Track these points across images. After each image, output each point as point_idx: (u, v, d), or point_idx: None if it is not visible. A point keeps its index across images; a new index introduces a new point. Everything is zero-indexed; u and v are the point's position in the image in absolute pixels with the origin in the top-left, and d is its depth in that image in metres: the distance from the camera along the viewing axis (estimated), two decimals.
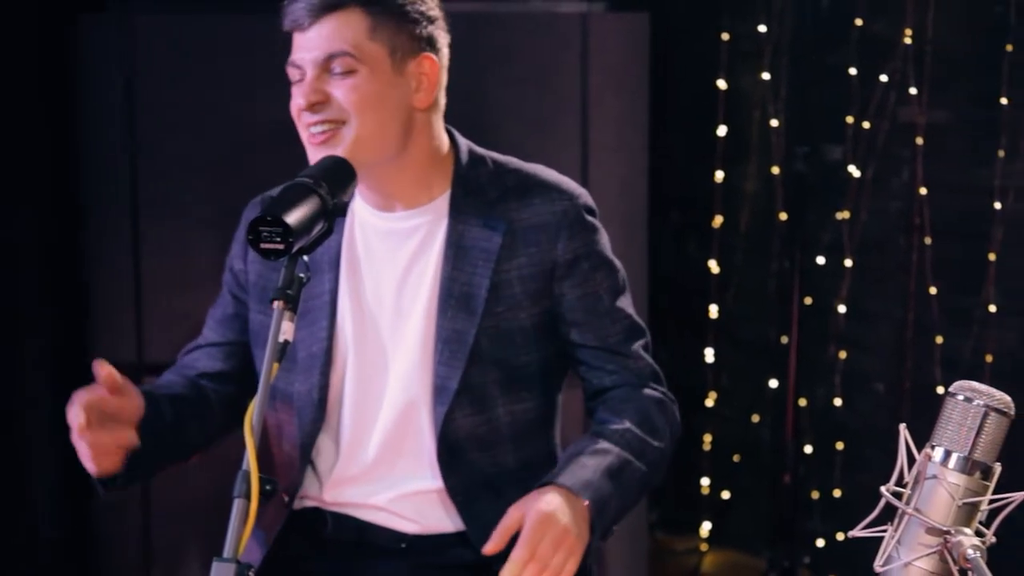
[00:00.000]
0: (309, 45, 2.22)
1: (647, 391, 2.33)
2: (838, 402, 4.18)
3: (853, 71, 4.02)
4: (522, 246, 2.29)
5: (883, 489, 1.65)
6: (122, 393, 2.07)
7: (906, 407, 3.98)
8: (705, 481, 4.36)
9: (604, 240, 2.37)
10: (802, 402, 4.22)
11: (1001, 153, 3.77)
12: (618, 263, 2.38)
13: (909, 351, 4.04)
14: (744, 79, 4.24)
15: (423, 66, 2.28)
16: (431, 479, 2.31)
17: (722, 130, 4.24)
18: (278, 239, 1.88)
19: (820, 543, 4.18)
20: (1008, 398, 1.62)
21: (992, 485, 1.63)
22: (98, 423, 2.03)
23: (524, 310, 2.29)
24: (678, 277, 4.43)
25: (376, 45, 2.23)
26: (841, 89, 4.04)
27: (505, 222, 2.29)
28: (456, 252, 2.28)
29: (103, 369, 2.04)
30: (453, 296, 2.27)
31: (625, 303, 2.36)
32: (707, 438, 4.38)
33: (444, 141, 2.34)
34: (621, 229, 3.76)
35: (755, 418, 4.35)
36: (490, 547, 2.05)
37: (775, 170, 4.23)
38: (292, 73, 2.26)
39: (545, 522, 2.04)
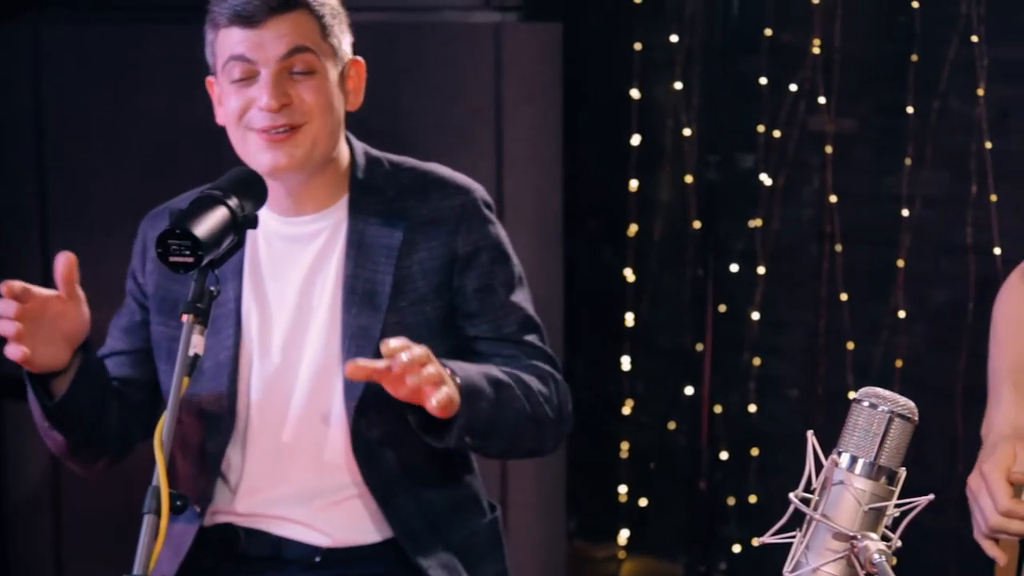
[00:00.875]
0: (265, 41, 2.22)
1: (545, 367, 2.35)
2: (753, 408, 4.22)
3: (763, 80, 4.07)
4: (422, 241, 2.32)
5: (792, 496, 1.67)
6: (74, 299, 2.08)
7: (819, 412, 4.03)
8: (623, 489, 4.38)
9: (502, 233, 2.40)
10: (717, 409, 4.26)
11: (908, 161, 3.83)
12: (515, 258, 2.41)
13: (821, 357, 4.09)
14: (657, 89, 4.27)
15: (355, 69, 2.33)
16: (344, 486, 2.31)
17: (636, 139, 4.27)
18: (187, 252, 1.87)
19: (736, 549, 4.22)
20: (912, 404, 1.65)
21: (897, 490, 1.65)
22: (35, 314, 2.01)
23: (428, 303, 2.31)
24: (594, 286, 4.45)
25: (326, 46, 2.28)
26: (752, 98, 4.09)
27: (404, 219, 2.32)
28: (358, 251, 2.31)
29: (65, 257, 2.06)
30: (356, 293, 2.29)
31: (521, 297, 2.39)
32: (624, 446, 4.41)
33: (345, 144, 2.38)
34: (537, 239, 3.78)
35: (671, 425, 4.38)
36: (349, 367, 2.06)
37: (688, 179, 4.27)
38: (236, 70, 2.24)
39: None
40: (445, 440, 2.15)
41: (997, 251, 3.62)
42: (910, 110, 3.80)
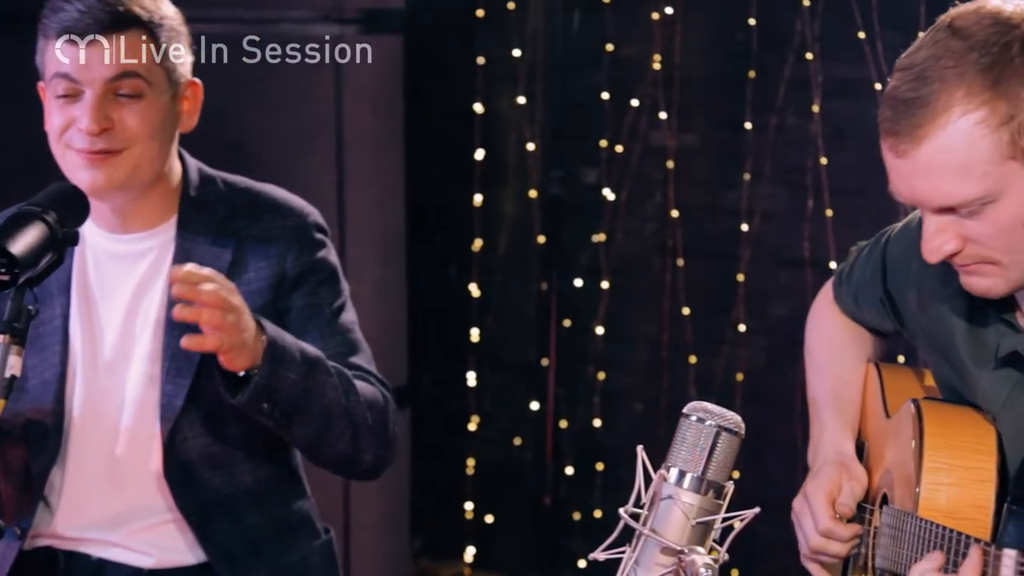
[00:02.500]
0: (92, 61, 2.18)
1: (375, 383, 2.33)
2: (597, 423, 4.26)
3: (606, 95, 4.12)
4: (252, 262, 2.30)
5: (621, 511, 1.68)
6: None
7: (663, 426, 4.08)
8: (469, 506, 4.38)
9: (333, 258, 2.39)
10: (563, 424, 4.29)
11: (747, 176, 3.91)
12: (345, 283, 2.40)
13: (665, 371, 4.15)
14: (500, 102, 4.29)
15: (192, 90, 2.29)
16: (164, 507, 2.28)
17: (479, 154, 4.28)
18: (3, 270, 1.82)
19: (582, 564, 4.25)
20: (738, 418, 1.68)
21: (725, 504, 1.68)
22: None
23: None
24: (439, 301, 4.44)
25: (160, 69, 2.24)
26: (595, 113, 4.13)
27: (234, 240, 2.30)
28: None
29: None
30: None
31: (348, 320, 2.37)
32: (470, 462, 4.41)
33: (178, 162, 2.34)
34: (379, 253, 3.76)
35: (517, 441, 4.40)
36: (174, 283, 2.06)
37: (532, 193, 4.30)
38: (60, 87, 2.21)
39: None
40: (238, 398, 2.13)
41: (833, 265, 3.71)
42: (748, 126, 3.88)
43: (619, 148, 4.14)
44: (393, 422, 2.33)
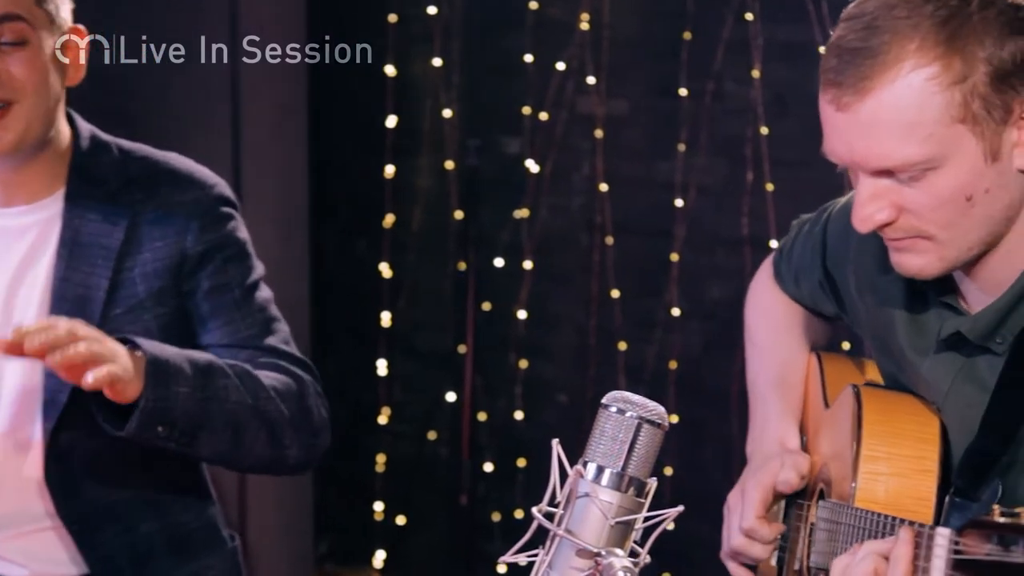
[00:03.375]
0: None
1: (292, 367, 2.28)
2: (519, 415, 4.25)
3: (529, 58, 4.11)
4: (147, 240, 2.24)
5: (535, 510, 1.67)
6: None
7: (590, 418, 4.07)
8: (379, 506, 4.36)
9: (242, 233, 2.33)
10: (481, 416, 4.28)
11: (681, 147, 3.91)
12: (256, 260, 2.35)
13: (592, 359, 4.15)
14: (414, 65, 4.26)
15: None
16: (43, 514, 2.23)
17: (391, 121, 4.25)
18: None
19: (501, 569, 4.24)
20: (662, 409, 1.66)
21: (647, 502, 1.67)
22: None
23: (148, 311, 2.23)
24: (346, 281, 4.41)
25: (41, 13, 2.17)
26: (517, 77, 4.12)
27: (128, 215, 2.23)
28: (71, 251, 2.21)
29: None
30: (67, 300, 2.19)
31: (262, 299, 2.33)
32: (380, 459, 4.39)
33: (66, 124, 2.28)
34: (280, 230, 3.73)
35: (431, 435, 4.38)
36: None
37: (449, 164, 4.28)
38: None
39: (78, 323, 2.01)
40: (127, 428, 2.07)
41: (774, 243, 3.72)
42: (683, 92, 3.88)
43: (543, 116, 4.12)
44: (318, 406, 2.28)
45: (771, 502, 1.99)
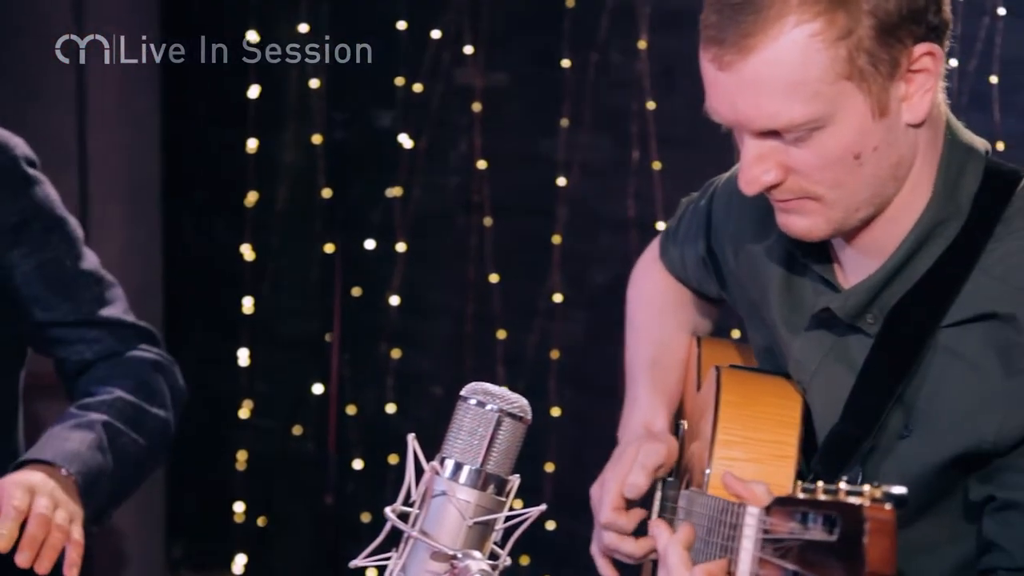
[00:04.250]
0: None
1: (139, 353, 2.32)
2: (391, 409, 4.25)
3: (402, 25, 4.10)
4: None
5: (388, 510, 1.68)
6: None
7: None
8: (239, 507, 4.34)
9: (52, 194, 2.33)
10: (350, 410, 4.27)
11: (564, 122, 3.94)
12: (72, 218, 2.35)
13: (469, 348, 4.16)
14: (279, 31, 4.23)
15: None
16: None
17: (254, 91, 4.22)
18: None
19: (371, 574, 4.25)
20: (524, 401, 1.69)
21: (509, 501, 1.69)
22: None
23: None
24: (203, 264, 4.38)
25: None
26: (390, 46, 4.11)
27: None
28: None
29: None
30: None
31: (91, 263, 2.33)
32: (241, 456, 4.36)
33: None
34: (129, 208, 3.70)
35: (297, 430, 4.37)
36: None
37: (316, 139, 4.26)
38: None
39: (27, 487, 2.03)
40: None
41: (660, 225, 3.76)
42: (566, 63, 3.90)
43: (417, 87, 4.12)
44: (175, 375, 2.36)
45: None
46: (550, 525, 3.90)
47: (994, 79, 3.51)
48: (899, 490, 1.37)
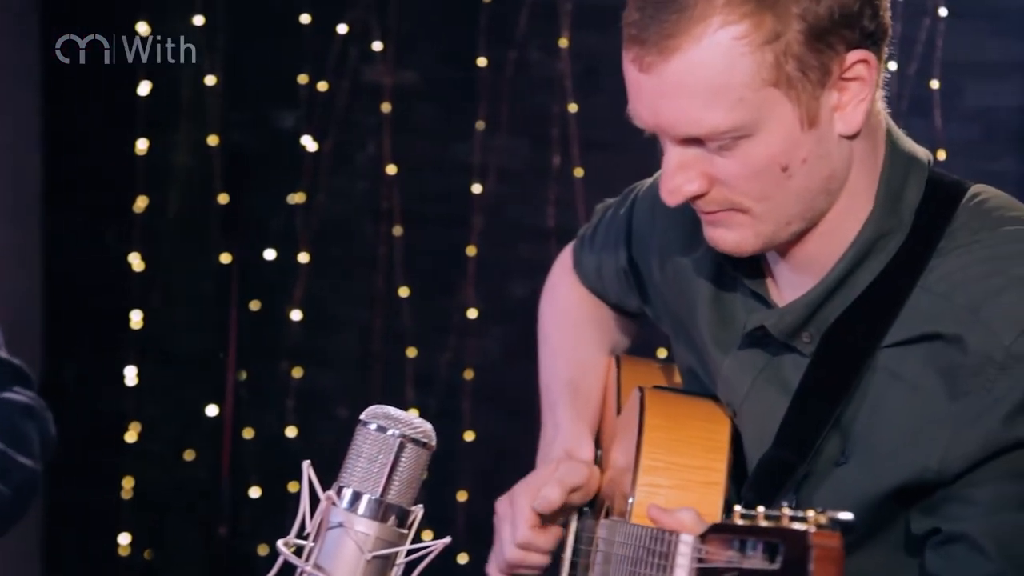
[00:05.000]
0: None
1: (10, 395, 2.31)
2: (291, 432, 4.24)
3: (306, 19, 4.09)
4: None
5: (280, 543, 1.66)
6: None
7: None
8: (124, 539, 4.30)
9: None
10: (246, 433, 4.25)
11: (480, 125, 3.94)
12: None
13: (376, 367, 4.15)
14: (172, 23, 4.21)
15: None
16: None
17: (144, 87, 4.19)
18: None
19: None
20: (428, 426, 1.67)
21: (411, 533, 1.67)
22: None
23: None
24: (88, 275, 4.34)
25: None
26: (292, 41, 4.10)
27: None
28: None
29: None
30: None
31: None
32: (127, 483, 4.33)
33: None
34: (7, 213, 3.67)
35: (188, 455, 4.34)
36: None
37: (213, 140, 4.24)
38: None
39: None
40: None
41: None
42: (482, 62, 3.91)
43: (322, 86, 4.11)
44: (45, 421, 2.35)
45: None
46: (463, 558, 3.89)
47: (935, 83, 3.55)
48: (845, 516, 1.36)
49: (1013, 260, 1.73)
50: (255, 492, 4.26)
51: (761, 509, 1.39)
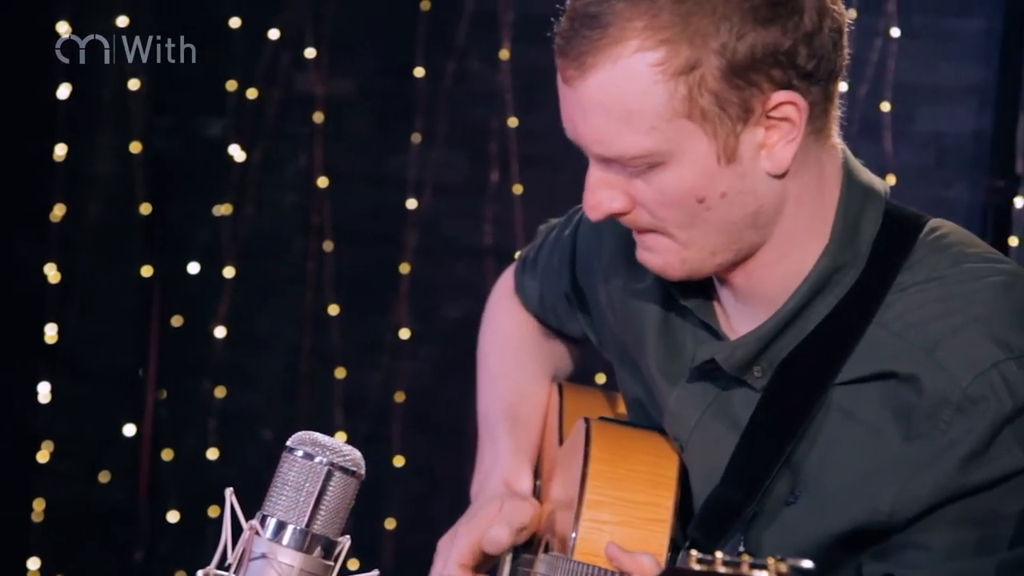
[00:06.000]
0: None
1: None
2: (213, 454, 4.22)
3: (236, 22, 4.09)
4: None
5: (201, 574, 1.67)
6: None
7: None
8: (33, 564, 4.28)
9: None
10: (166, 455, 4.24)
11: (416, 138, 3.94)
12: None
13: (304, 388, 4.15)
14: (94, 23, 4.19)
15: None
16: None
17: (63, 91, 4.17)
18: None
19: None
20: (357, 453, 1.68)
21: (337, 565, 1.68)
22: None
23: None
24: (0, 287, 4.32)
25: None
26: (221, 45, 4.09)
27: None
28: None
29: None
30: None
31: None
32: (38, 504, 4.30)
33: None
34: None
35: (104, 476, 4.33)
36: None
37: (135, 147, 4.23)
38: None
39: None
40: None
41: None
42: (419, 72, 3.91)
43: (252, 93, 4.11)
44: None
45: (482, 552, 2.02)
46: None
47: (886, 106, 3.59)
48: (807, 564, 1.37)
49: (971, 299, 1.74)
50: (173, 516, 4.25)
51: (720, 555, 1.39)
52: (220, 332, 4.20)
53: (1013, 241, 3.55)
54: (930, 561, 1.71)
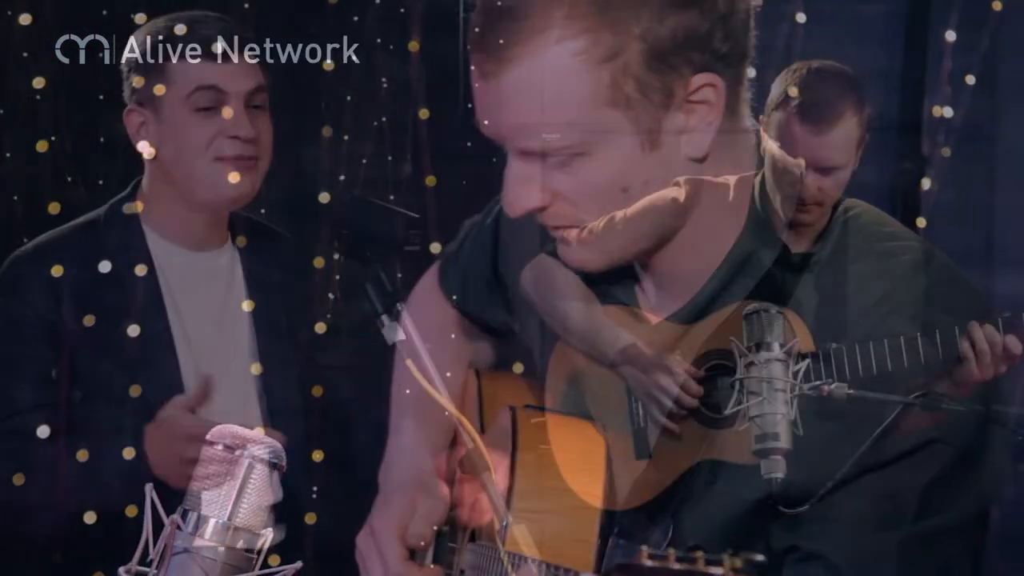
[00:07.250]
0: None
1: None
2: (129, 454, 4.18)
3: (141, 18, 4.05)
4: None
5: (122, 571, 1.68)
6: None
7: None
8: None
9: None
10: (81, 455, 4.19)
11: (326, 131, 3.93)
12: None
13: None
14: None
15: None
16: None
17: None
18: None
19: None
20: (279, 446, 1.70)
21: (260, 559, 1.70)
22: None
23: None
24: None
25: None
26: (127, 40, 4.05)
27: None
28: None
29: None
30: None
31: None
32: None
33: None
34: None
35: (18, 479, 4.26)
36: None
37: (42, 146, 4.19)
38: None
39: None
40: None
41: (435, 247, 3.79)
42: (328, 64, 3.91)
43: (159, 89, 4.07)
44: None
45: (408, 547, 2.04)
46: None
47: (794, 91, 3.62)
48: (759, 557, 1.39)
49: (882, 279, 1.78)
50: (90, 517, 4.20)
51: (672, 551, 1.41)
52: (134, 330, 4.16)
53: (921, 222, 3.59)
54: (833, 534, 1.75)
